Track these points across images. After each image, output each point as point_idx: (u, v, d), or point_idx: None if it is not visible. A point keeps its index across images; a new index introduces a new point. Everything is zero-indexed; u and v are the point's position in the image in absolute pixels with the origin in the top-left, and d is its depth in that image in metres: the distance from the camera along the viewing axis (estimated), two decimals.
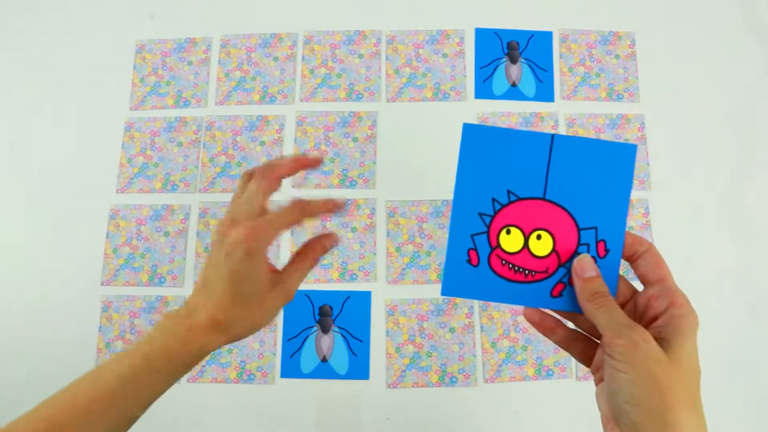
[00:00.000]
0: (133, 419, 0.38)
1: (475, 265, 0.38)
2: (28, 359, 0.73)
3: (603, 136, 0.79)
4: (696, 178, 0.78)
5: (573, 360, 0.72)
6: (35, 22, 0.85)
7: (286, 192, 0.77)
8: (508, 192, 0.37)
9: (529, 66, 0.81)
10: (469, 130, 0.37)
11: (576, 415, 0.69)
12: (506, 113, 0.79)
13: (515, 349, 0.72)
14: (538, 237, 0.37)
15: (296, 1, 0.84)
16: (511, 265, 0.38)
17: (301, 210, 0.41)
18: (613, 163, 0.37)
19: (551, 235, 0.37)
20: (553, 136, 0.37)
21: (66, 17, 0.85)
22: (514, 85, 0.81)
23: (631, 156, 0.37)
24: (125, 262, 0.76)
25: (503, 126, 0.79)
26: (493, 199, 0.38)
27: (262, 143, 0.79)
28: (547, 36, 0.82)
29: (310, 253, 0.43)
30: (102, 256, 0.76)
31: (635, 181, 0.77)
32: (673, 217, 0.76)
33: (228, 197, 0.77)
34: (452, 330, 0.73)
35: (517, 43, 0.82)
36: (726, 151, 0.79)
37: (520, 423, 0.70)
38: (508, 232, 0.38)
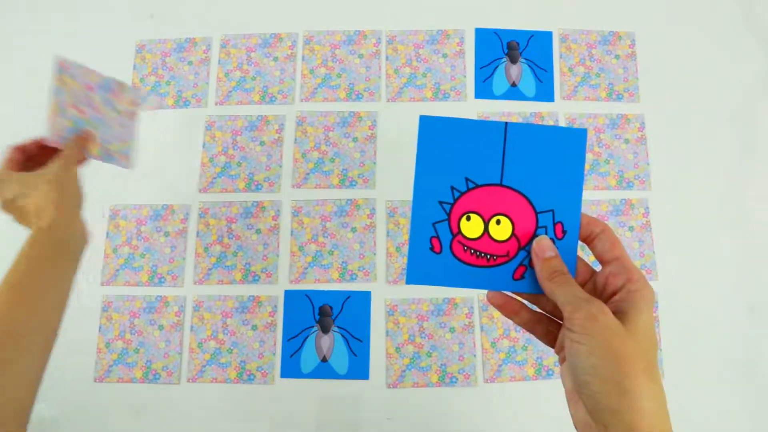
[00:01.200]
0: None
1: (438, 252, 0.39)
2: None
3: (603, 136, 0.79)
4: (696, 178, 0.78)
5: None
6: (35, 22, 0.85)
7: (286, 192, 0.77)
8: (466, 179, 0.39)
9: (529, 66, 0.81)
10: (425, 121, 0.39)
11: None
12: (506, 113, 0.79)
13: (515, 349, 0.72)
14: (498, 222, 0.39)
15: (296, 1, 0.84)
16: (472, 251, 0.39)
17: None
18: (565, 148, 0.38)
19: (510, 220, 0.38)
20: (506, 124, 0.38)
21: (66, 17, 0.85)
22: (514, 85, 0.81)
23: (581, 140, 0.38)
24: (125, 262, 0.76)
25: None
26: (452, 187, 0.39)
27: (262, 143, 0.79)
28: (547, 36, 0.82)
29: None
30: (102, 256, 0.76)
31: (635, 181, 0.77)
32: (673, 217, 0.76)
33: (228, 197, 0.77)
34: (452, 330, 0.73)
35: (517, 43, 0.82)
36: (726, 151, 0.79)
37: (520, 423, 0.70)
38: (468, 219, 0.39)
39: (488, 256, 0.38)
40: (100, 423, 0.71)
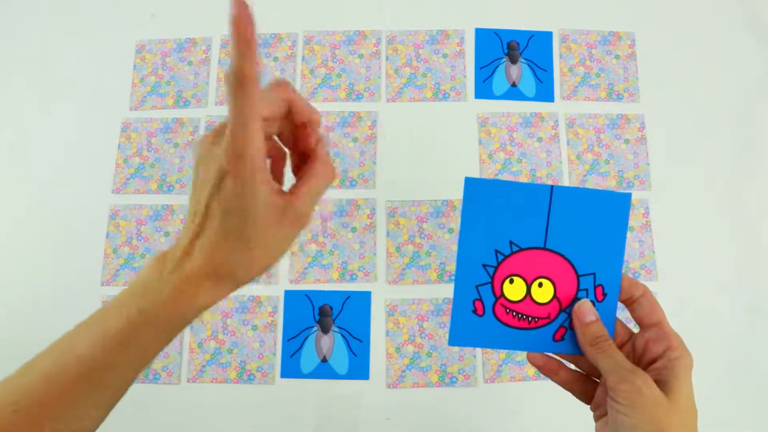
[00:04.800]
0: (114, 401, 0.34)
1: (481, 314, 0.39)
2: (28, 359, 0.73)
3: (603, 136, 0.79)
4: (696, 178, 0.78)
5: None
6: (35, 22, 0.85)
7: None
8: (510, 243, 0.39)
9: (529, 66, 0.81)
10: (470, 183, 0.38)
11: (576, 415, 0.69)
12: (506, 113, 0.79)
13: None
14: (540, 285, 0.39)
15: (296, 1, 0.84)
16: (515, 313, 0.39)
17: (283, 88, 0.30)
18: (608, 211, 0.38)
19: (552, 283, 0.39)
20: (552, 187, 0.38)
21: (66, 17, 0.85)
22: (514, 85, 0.81)
23: (625, 204, 0.38)
24: (125, 262, 0.76)
25: (504, 127, 0.79)
26: (496, 251, 0.39)
27: None
28: (547, 36, 0.82)
29: (319, 160, 0.32)
30: (102, 256, 0.76)
31: (635, 182, 0.77)
32: (673, 217, 0.76)
33: None
34: None
35: (517, 43, 0.82)
36: (726, 151, 0.79)
37: (520, 423, 0.70)
38: (511, 282, 0.39)
39: (530, 318, 0.39)
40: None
